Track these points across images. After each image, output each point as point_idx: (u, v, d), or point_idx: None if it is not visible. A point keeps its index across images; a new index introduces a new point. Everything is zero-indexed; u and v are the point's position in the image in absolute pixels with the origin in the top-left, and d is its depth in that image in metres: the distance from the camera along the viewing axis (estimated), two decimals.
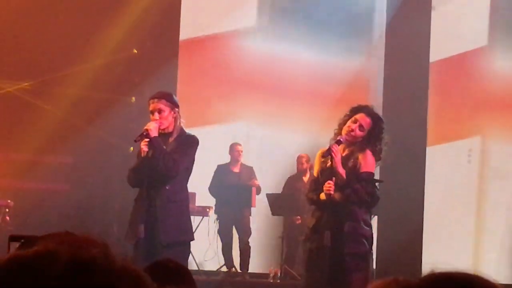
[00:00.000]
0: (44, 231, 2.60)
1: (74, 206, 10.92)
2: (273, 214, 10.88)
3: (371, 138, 6.20)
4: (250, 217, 11.01)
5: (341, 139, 6.18)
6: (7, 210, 10.26)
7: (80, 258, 1.17)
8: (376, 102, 11.38)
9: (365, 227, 6.21)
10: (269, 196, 10.93)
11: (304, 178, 11.18)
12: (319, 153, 6.38)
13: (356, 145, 6.23)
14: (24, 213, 10.39)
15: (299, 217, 10.95)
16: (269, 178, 11.42)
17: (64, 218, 10.16)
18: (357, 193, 6.13)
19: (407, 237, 10.93)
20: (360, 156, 6.19)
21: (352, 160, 6.19)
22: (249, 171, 11.24)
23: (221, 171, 11.16)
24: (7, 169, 11.07)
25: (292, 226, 10.94)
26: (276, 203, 10.84)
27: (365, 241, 6.18)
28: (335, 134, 6.31)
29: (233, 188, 10.93)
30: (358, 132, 6.19)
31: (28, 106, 11.22)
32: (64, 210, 10.67)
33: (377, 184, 6.30)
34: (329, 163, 6.16)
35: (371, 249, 6.28)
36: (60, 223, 9.47)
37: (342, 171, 6.13)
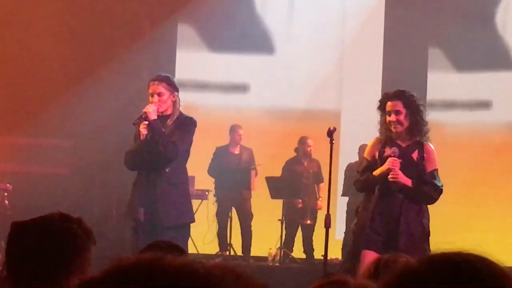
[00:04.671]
0: (42, 214, 2.59)
1: (73, 190, 10.90)
2: (272, 197, 10.86)
3: (415, 121, 5.98)
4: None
5: (394, 154, 5.94)
6: (5, 194, 10.24)
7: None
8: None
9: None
10: (268, 179, 10.91)
11: (304, 162, 11.13)
12: (374, 142, 6.13)
13: (409, 134, 6.02)
14: (23, 196, 10.37)
15: (300, 200, 10.93)
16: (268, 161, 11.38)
17: (63, 201, 10.13)
18: (428, 195, 6.00)
19: None
20: (424, 154, 6.01)
21: (415, 161, 6.01)
22: (248, 153, 11.19)
23: (220, 153, 11.10)
24: (6, 152, 11.05)
25: (292, 209, 10.93)
26: (276, 186, 10.82)
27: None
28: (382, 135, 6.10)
29: (232, 170, 10.90)
30: (399, 119, 5.96)
31: (26, 90, 11.20)
32: (63, 193, 10.66)
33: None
34: (389, 174, 5.93)
35: None
36: (59, 207, 9.43)
37: (408, 181, 5.94)
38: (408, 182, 5.91)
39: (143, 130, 6.27)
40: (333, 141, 6.24)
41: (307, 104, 12.08)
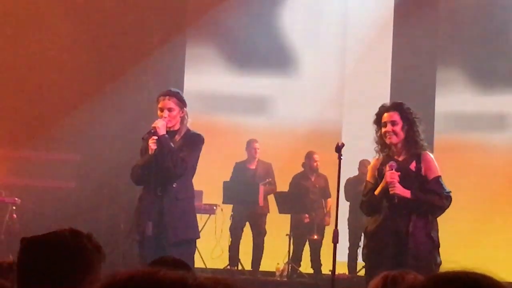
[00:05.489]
0: (51, 229, 2.60)
1: (81, 204, 10.92)
2: (280, 212, 10.86)
3: (412, 133, 5.88)
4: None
5: (392, 168, 5.84)
6: (14, 208, 10.26)
7: None
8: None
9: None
10: (276, 194, 10.92)
11: (311, 177, 11.13)
12: (373, 163, 6.06)
13: (405, 148, 5.92)
14: (31, 210, 10.39)
15: (307, 215, 10.94)
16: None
17: (71, 215, 10.15)
18: (433, 204, 5.86)
19: None
20: (422, 164, 5.90)
21: (414, 171, 5.89)
22: (266, 168, 11.16)
23: (238, 169, 11.12)
24: (14, 166, 11.07)
25: (299, 224, 10.92)
26: (283, 201, 10.82)
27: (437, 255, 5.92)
28: (377, 151, 6.00)
29: (246, 186, 10.89)
30: (395, 130, 5.87)
31: (35, 105, 11.23)
32: (71, 207, 10.67)
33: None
34: (389, 188, 5.83)
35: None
36: (67, 221, 9.45)
37: (406, 193, 5.82)
38: (406, 193, 5.80)
39: (152, 145, 6.28)
40: (342, 157, 6.20)
41: (314, 119, 12.08)
